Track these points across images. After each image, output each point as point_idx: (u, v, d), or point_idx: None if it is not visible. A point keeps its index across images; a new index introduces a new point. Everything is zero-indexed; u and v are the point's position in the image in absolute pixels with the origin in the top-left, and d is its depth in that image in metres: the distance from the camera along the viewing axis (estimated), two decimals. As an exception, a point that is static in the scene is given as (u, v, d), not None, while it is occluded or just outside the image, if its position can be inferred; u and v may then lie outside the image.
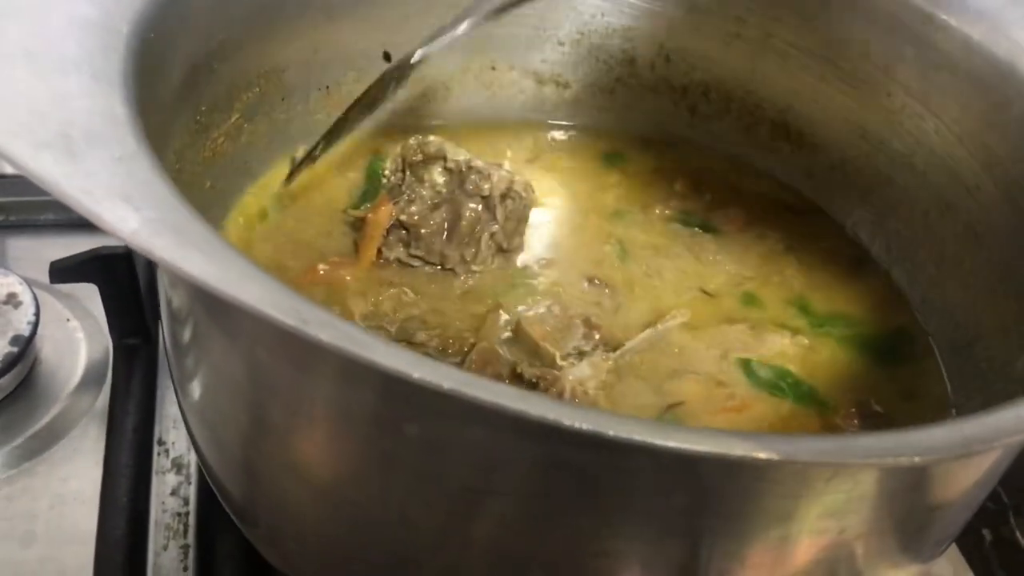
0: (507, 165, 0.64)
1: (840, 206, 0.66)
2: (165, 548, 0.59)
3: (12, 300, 0.67)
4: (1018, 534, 0.68)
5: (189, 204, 0.34)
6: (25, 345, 0.64)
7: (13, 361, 0.64)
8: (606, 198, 0.68)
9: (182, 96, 0.51)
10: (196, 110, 0.54)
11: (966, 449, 0.30)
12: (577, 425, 0.28)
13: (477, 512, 0.37)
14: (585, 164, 0.71)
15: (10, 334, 0.64)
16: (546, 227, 0.65)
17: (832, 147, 0.67)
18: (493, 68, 0.71)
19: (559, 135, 0.73)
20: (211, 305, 0.40)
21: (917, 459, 0.30)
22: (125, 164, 0.34)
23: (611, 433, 0.28)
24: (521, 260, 0.62)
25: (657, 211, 0.67)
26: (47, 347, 0.69)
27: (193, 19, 0.50)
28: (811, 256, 0.64)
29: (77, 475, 0.62)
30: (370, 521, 0.40)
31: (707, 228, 0.66)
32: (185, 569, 0.58)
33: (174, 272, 0.30)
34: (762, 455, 0.28)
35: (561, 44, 0.71)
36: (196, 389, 0.45)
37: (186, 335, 0.44)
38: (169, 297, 0.45)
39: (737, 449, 0.28)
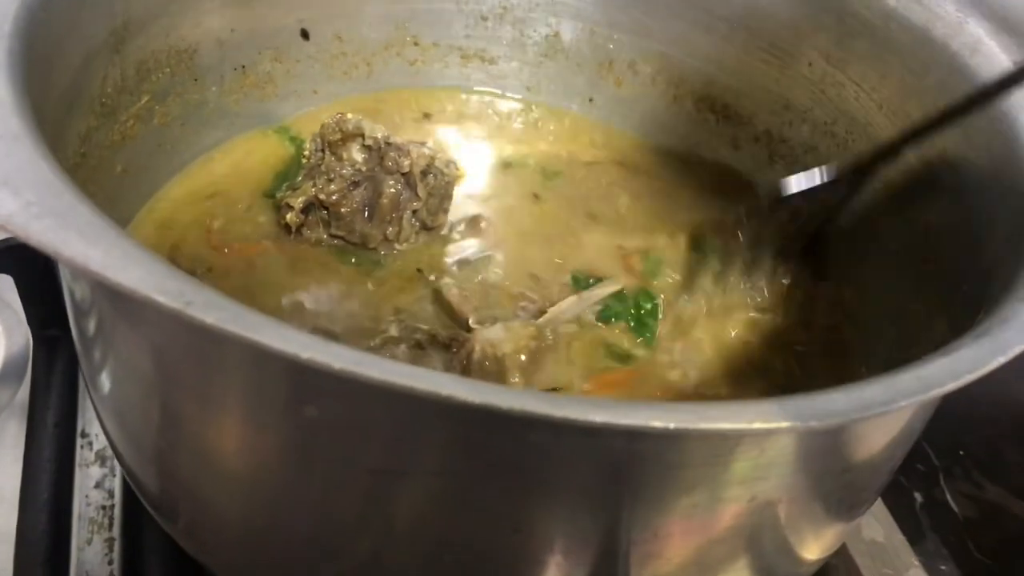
0: (430, 143, 0.63)
1: (764, 175, 0.66)
2: (89, 543, 0.58)
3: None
4: (948, 496, 0.69)
5: (74, 187, 0.33)
6: (-70, 336, 0.63)
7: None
8: (529, 162, 0.68)
9: (83, 78, 0.49)
10: (101, 92, 0.52)
11: (865, 412, 0.30)
12: (468, 398, 0.27)
13: (387, 494, 0.36)
14: (508, 129, 0.70)
15: (-82, 324, 0.63)
16: (472, 201, 0.64)
17: (757, 118, 0.67)
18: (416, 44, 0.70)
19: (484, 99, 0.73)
20: (112, 295, 0.39)
21: (815, 423, 0.30)
22: (5, 145, 0.33)
23: (502, 405, 0.27)
24: (445, 236, 0.61)
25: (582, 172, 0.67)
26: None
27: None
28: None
29: (-3, 470, 0.61)
30: (283, 508, 0.39)
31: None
32: (110, 563, 0.57)
33: (54, 256, 0.29)
34: (657, 424, 0.28)
35: (484, 19, 0.70)
36: (105, 382, 0.44)
37: (91, 326, 0.42)
38: (71, 288, 0.43)
39: (629, 419, 0.27)
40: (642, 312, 0.58)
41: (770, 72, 0.65)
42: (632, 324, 0.57)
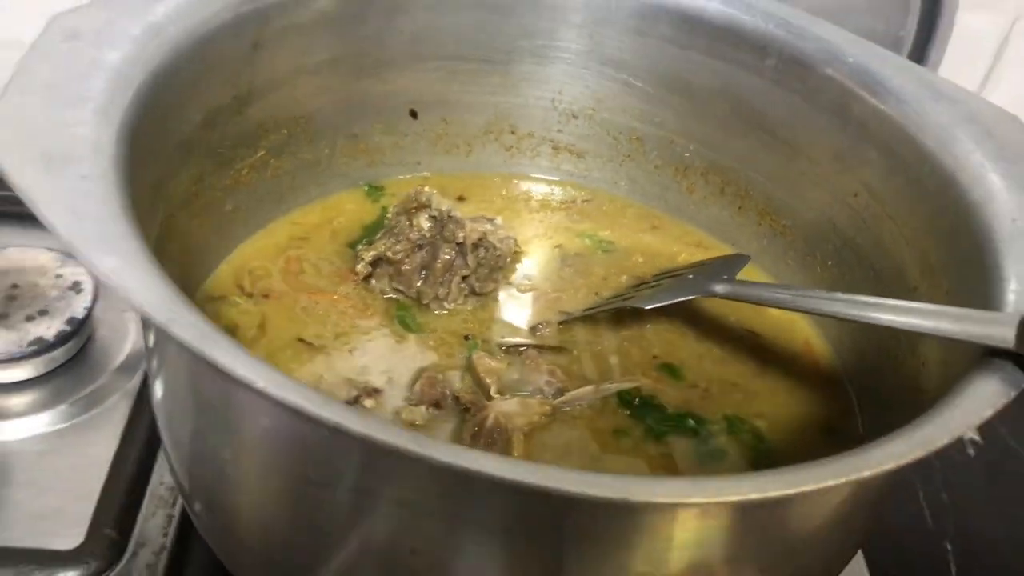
0: (498, 220, 0.71)
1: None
2: (153, 515, 0.68)
3: (76, 287, 0.78)
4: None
5: (128, 218, 0.43)
6: (77, 327, 0.76)
7: (65, 338, 0.75)
8: (594, 264, 0.74)
9: (203, 132, 0.60)
10: (220, 143, 0.63)
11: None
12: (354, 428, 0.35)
13: (324, 508, 0.44)
14: (580, 215, 0.78)
15: (68, 315, 0.76)
16: (531, 279, 0.72)
17: (809, 237, 0.71)
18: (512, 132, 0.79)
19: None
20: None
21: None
22: (88, 182, 0.43)
23: (379, 437, 0.34)
24: (495, 305, 0.68)
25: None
26: (101, 330, 0.80)
27: (220, 67, 0.60)
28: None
29: (100, 441, 0.72)
30: (257, 502, 0.47)
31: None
32: (165, 535, 0.67)
33: (80, 261, 0.39)
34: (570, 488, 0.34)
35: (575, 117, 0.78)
36: (159, 387, 0.54)
37: (150, 337, 0.52)
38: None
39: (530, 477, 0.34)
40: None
41: (823, 196, 0.69)
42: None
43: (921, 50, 0.92)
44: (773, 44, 0.68)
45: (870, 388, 0.66)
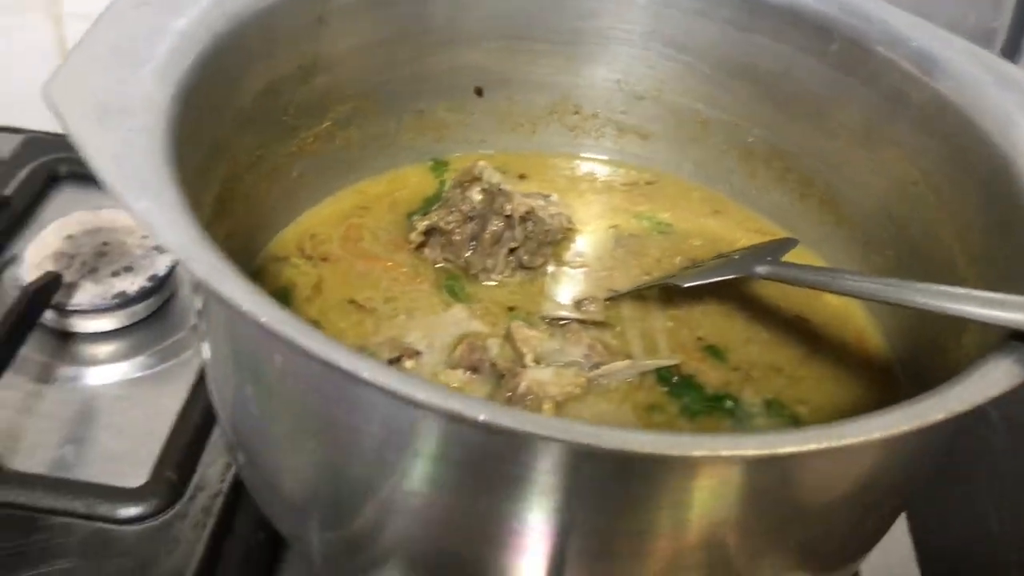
0: (553, 197, 0.72)
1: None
2: (214, 463, 0.72)
3: (160, 248, 0.83)
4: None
5: (169, 169, 0.46)
6: (159, 284, 0.81)
7: (146, 294, 0.80)
8: (649, 245, 0.75)
9: (267, 99, 0.64)
10: (284, 112, 0.66)
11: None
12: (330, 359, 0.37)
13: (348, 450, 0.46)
14: (639, 197, 0.78)
15: (150, 273, 0.81)
16: (582, 256, 0.73)
17: (867, 227, 0.69)
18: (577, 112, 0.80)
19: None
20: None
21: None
22: (136, 134, 0.47)
23: (363, 374, 0.36)
24: (543, 279, 0.70)
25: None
26: (183, 290, 0.85)
27: (284, 38, 0.63)
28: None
29: (171, 392, 0.77)
30: (288, 454, 0.50)
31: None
32: (222, 481, 0.71)
33: (117, 202, 0.42)
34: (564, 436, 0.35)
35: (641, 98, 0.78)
36: (206, 347, 0.57)
37: (199, 302, 0.55)
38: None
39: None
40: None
41: (881, 184, 0.67)
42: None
43: (1015, 42, 0.88)
44: (837, 27, 0.67)
45: (922, 383, 0.64)
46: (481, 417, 0.36)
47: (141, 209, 0.42)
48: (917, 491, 0.54)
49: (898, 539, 0.68)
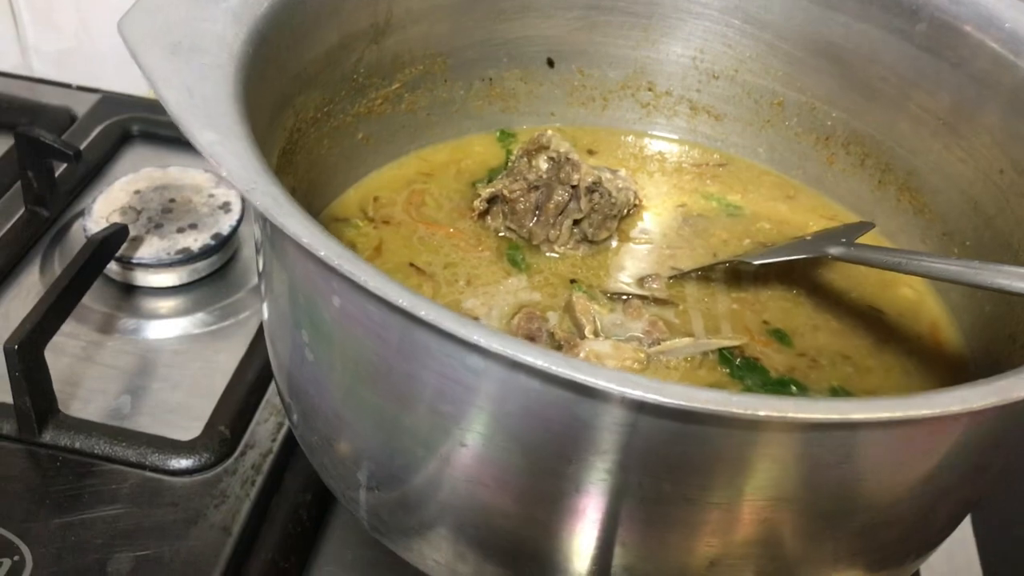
0: (623, 172, 0.70)
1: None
2: (266, 421, 0.72)
3: (225, 207, 0.84)
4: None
5: (237, 105, 0.46)
6: (222, 242, 0.81)
7: (209, 252, 0.80)
8: (716, 225, 0.73)
9: (338, 54, 0.63)
10: (354, 70, 0.66)
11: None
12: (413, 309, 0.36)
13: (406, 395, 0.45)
14: (709, 189, 0.76)
15: (214, 231, 0.81)
16: (647, 233, 0.71)
17: (948, 216, 0.67)
18: (650, 89, 0.78)
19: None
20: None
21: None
22: (207, 69, 0.47)
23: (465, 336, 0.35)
24: (606, 254, 0.68)
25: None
26: (245, 249, 0.85)
27: (358, -5, 0.63)
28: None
29: (228, 349, 0.77)
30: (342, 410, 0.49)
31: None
32: (273, 440, 0.71)
33: (183, 133, 0.42)
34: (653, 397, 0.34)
35: (716, 77, 0.76)
36: (266, 308, 0.56)
37: (260, 261, 0.55)
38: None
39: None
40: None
41: (967, 172, 0.65)
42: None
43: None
44: (925, 7, 0.64)
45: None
46: (540, 363, 0.35)
47: (207, 141, 0.42)
48: (988, 486, 0.51)
49: (962, 541, 0.66)
